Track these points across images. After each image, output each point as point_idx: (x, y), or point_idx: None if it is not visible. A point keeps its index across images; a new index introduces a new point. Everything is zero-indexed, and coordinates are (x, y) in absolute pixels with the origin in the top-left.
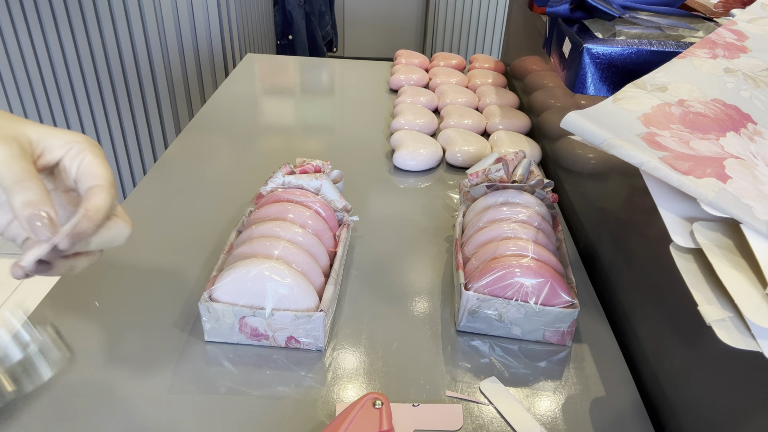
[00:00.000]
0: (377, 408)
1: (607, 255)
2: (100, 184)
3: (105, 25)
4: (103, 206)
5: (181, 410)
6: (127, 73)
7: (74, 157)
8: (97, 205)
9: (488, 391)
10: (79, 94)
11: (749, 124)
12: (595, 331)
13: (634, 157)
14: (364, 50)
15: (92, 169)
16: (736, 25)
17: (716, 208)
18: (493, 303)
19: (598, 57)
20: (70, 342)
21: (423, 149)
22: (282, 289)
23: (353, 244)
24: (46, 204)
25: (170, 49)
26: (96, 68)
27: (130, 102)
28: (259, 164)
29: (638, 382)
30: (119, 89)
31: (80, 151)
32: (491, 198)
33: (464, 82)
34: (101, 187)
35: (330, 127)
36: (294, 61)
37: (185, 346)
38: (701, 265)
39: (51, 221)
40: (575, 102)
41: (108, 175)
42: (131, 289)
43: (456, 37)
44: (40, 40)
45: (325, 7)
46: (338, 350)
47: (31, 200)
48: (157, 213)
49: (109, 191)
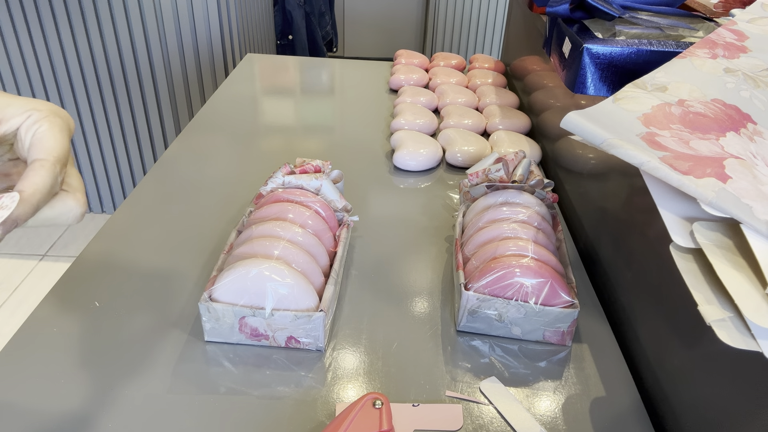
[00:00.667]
0: (377, 408)
1: (607, 255)
2: (43, 159)
3: (105, 25)
4: (42, 186)
5: (181, 410)
6: (127, 73)
7: (30, 126)
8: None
9: (488, 391)
10: (79, 94)
11: (749, 124)
12: (595, 331)
13: (634, 157)
14: (364, 50)
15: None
16: (736, 25)
17: (716, 208)
18: (493, 303)
19: (598, 57)
20: (70, 342)
21: (423, 149)
22: (282, 289)
23: (353, 244)
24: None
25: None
26: (96, 68)
27: (130, 102)
28: (259, 164)
29: (638, 382)
30: (119, 89)
31: (37, 119)
32: (491, 198)
33: (464, 82)
34: (42, 164)
35: (330, 127)
36: (294, 61)
37: (185, 346)
38: (701, 265)
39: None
40: (575, 102)
41: (57, 149)
42: (131, 289)
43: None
44: (40, 40)
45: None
46: (338, 350)
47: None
48: (157, 213)
49: (50, 169)
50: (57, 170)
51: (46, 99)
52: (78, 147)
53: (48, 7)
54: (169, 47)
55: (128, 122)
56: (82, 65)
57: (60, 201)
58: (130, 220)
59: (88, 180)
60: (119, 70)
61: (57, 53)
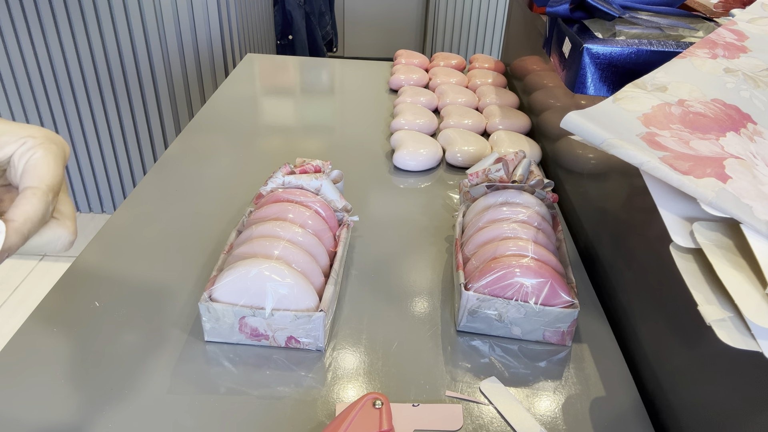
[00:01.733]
0: (377, 408)
1: (607, 255)
2: (35, 187)
3: (105, 25)
4: (34, 215)
5: (181, 410)
6: (127, 73)
7: (25, 152)
8: (26, 213)
9: (488, 391)
10: (79, 94)
11: (749, 124)
12: (595, 331)
13: (634, 157)
14: (364, 50)
15: (37, 168)
16: (736, 25)
17: (716, 208)
18: (493, 303)
19: (598, 57)
20: (70, 342)
21: (423, 149)
22: (282, 289)
23: (353, 244)
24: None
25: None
26: (96, 68)
27: (130, 102)
28: (259, 164)
29: (638, 382)
30: (119, 89)
31: (32, 146)
32: (491, 198)
33: (464, 82)
34: (34, 192)
35: (330, 127)
36: (294, 61)
37: (185, 346)
38: (701, 265)
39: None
40: (575, 102)
41: (50, 176)
42: (131, 289)
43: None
44: (40, 40)
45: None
46: (338, 350)
47: None
48: (157, 213)
49: (42, 197)
50: (49, 199)
51: (46, 99)
52: (78, 147)
53: (48, 7)
54: (169, 47)
55: (128, 122)
56: (82, 65)
57: (49, 229)
58: (130, 220)
59: (88, 180)
60: (119, 71)
61: (57, 53)
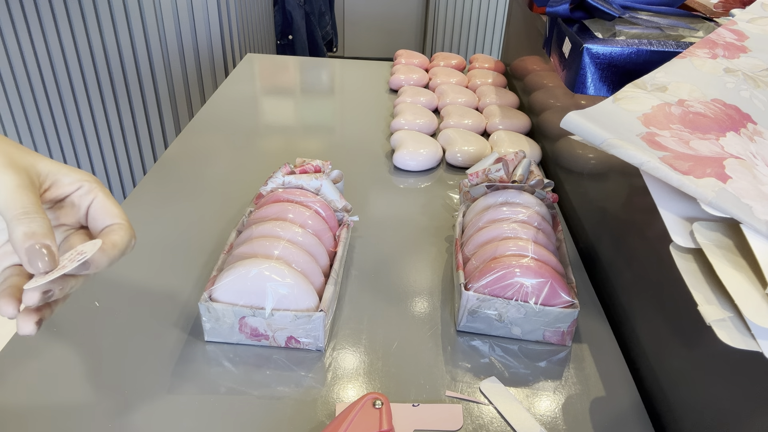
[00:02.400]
0: (377, 408)
1: (607, 255)
2: (120, 223)
3: (105, 25)
4: (121, 244)
5: (181, 410)
6: (127, 73)
7: (84, 195)
8: (114, 241)
9: (488, 391)
10: (79, 94)
11: (749, 124)
12: (595, 331)
13: (634, 157)
14: (364, 50)
15: (108, 207)
16: (736, 25)
17: (716, 208)
18: (493, 303)
19: (598, 57)
20: (71, 342)
21: (423, 149)
22: (282, 289)
23: (353, 244)
24: (48, 237)
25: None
26: (96, 68)
27: (130, 102)
28: (259, 164)
29: (638, 382)
30: (119, 89)
31: (90, 190)
32: (491, 198)
33: (464, 82)
34: (121, 226)
35: (330, 127)
36: (294, 61)
37: (185, 346)
38: (701, 265)
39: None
40: (575, 102)
41: (124, 214)
42: (131, 288)
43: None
44: (40, 40)
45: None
46: (338, 350)
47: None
48: (157, 213)
49: (128, 230)
50: (132, 232)
51: (46, 99)
52: (78, 147)
53: (48, 7)
54: (169, 47)
55: (128, 122)
56: (82, 65)
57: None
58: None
59: None
60: (119, 70)
61: (57, 53)
